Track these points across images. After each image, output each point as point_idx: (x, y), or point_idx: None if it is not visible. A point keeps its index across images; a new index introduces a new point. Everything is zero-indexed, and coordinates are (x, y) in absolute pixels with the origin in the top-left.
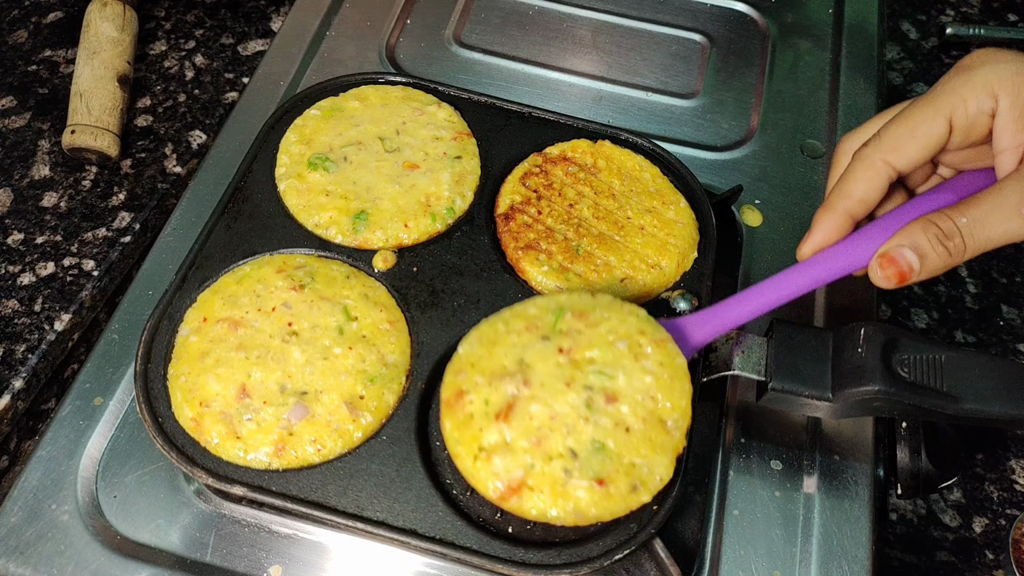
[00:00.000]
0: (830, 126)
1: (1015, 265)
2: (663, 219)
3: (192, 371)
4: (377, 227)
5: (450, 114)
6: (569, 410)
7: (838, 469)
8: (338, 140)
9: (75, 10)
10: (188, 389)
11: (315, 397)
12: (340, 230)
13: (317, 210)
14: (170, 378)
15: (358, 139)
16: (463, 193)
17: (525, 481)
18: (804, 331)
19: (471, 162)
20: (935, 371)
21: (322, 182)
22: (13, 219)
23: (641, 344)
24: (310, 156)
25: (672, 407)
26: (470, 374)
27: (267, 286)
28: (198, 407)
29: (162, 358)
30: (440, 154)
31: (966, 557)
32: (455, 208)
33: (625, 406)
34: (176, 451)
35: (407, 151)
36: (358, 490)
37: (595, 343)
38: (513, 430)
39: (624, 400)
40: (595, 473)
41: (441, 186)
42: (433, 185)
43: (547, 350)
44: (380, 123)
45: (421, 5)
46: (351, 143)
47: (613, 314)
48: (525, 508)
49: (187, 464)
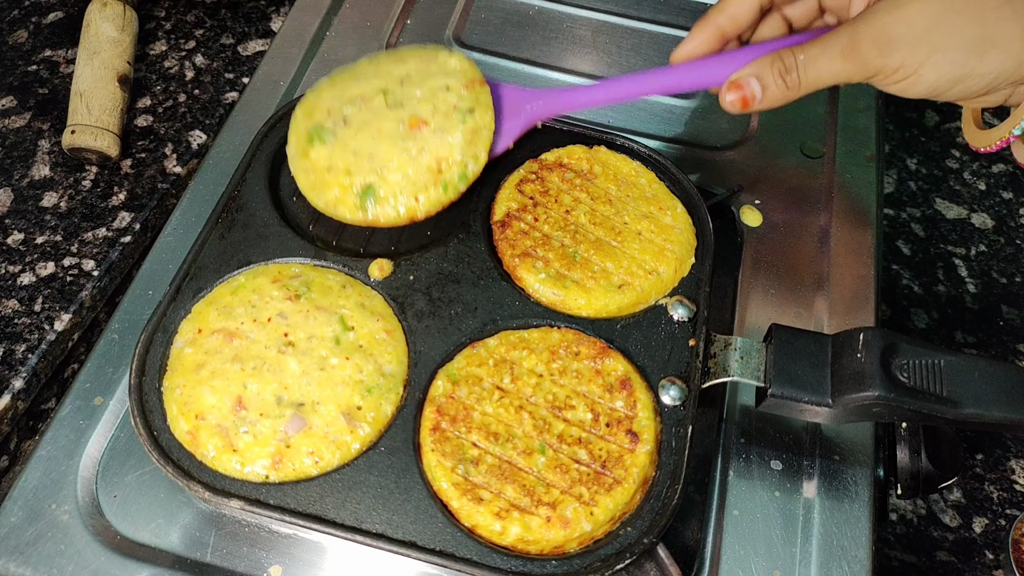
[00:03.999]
0: (830, 126)
1: (1015, 265)
2: (660, 224)
3: (187, 383)
4: (386, 202)
5: (460, 60)
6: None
7: (838, 469)
8: (337, 101)
9: (75, 10)
10: (183, 402)
11: (312, 408)
12: (348, 209)
13: (323, 189)
14: (165, 391)
15: (359, 95)
16: (476, 155)
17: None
18: (803, 336)
19: (484, 116)
20: (934, 376)
21: (324, 156)
22: (13, 219)
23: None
24: (309, 128)
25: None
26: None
27: (262, 296)
28: (194, 420)
29: (157, 370)
30: (450, 107)
31: (966, 557)
32: (468, 174)
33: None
34: (172, 465)
35: (413, 104)
36: (356, 502)
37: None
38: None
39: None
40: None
41: (453, 148)
42: (444, 148)
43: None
44: (384, 76)
45: (421, 5)
46: (350, 101)
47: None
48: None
49: (183, 478)
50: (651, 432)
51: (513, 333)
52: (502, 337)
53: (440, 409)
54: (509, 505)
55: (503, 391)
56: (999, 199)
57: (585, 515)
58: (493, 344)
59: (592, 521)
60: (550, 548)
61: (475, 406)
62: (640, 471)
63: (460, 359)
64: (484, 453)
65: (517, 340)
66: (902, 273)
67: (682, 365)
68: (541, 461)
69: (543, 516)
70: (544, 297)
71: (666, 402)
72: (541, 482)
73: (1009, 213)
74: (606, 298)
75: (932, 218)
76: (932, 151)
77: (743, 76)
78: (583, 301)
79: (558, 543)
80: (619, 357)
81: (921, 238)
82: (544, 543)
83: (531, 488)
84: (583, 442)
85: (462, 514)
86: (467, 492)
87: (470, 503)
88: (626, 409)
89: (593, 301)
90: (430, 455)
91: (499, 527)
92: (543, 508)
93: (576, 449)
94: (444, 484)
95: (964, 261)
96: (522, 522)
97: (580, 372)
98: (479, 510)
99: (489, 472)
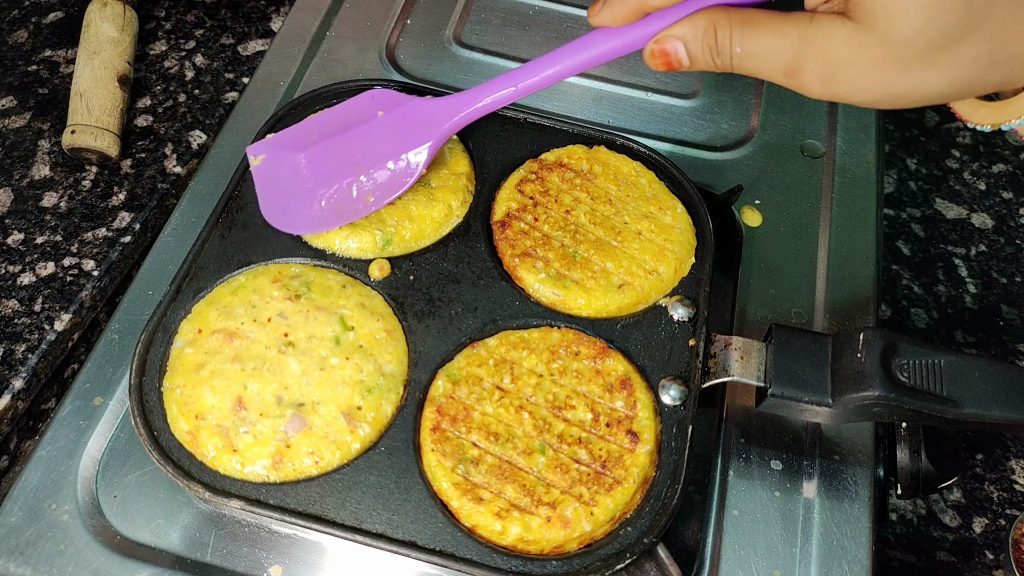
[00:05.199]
0: (830, 126)
1: (1015, 265)
2: (660, 224)
3: (188, 384)
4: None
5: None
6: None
7: (838, 469)
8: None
9: (75, 10)
10: (184, 402)
11: (312, 408)
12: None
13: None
14: (165, 391)
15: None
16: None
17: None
18: (803, 336)
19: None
20: (935, 376)
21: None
22: (13, 219)
23: None
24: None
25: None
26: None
27: (262, 296)
28: (194, 420)
29: (157, 370)
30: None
31: (966, 557)
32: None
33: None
34: (172, 465)
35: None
36: (357, 502)
37: None
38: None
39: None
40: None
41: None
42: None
43: None
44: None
45: (421, 5)
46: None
47: None
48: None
49: (184, 479)
50: (651, 432)
51: (513, 333)
52: (502, 337)
53: (440, 409)
54: (509, 505)
55: (503, 391)
56: (999, 199)
57: (585, 515)
58: (493, 344)
59: (592, 521)
60: (550, 548)
61: (475, 406)
62: (640, 471)
63: (460, 359)
64: (484, 453)
65: (517, 340)
66: (902, 273)
67: (682, 365)
68: (541, 461)
69: (543, 516)
70: (544, 297)
71: (666, 402)
72: (541, 482)
73: (1009, 213)
74: (606, 298)
75: (932, 218)
76: (932, 151)
77: (669, 40)
78: (583, 301)
79: (558, 543)
80: (619, 357)
81: (921, 238)
82: (544, 543)
83: (531, 488)
84: (583, 442)
85: (462, 514)
86: (467, 492)
87: (470, 503)
88: (626, 409)
89: (593, 301)
90: (430, 455)
91: (499, 527)
92: (543, 508)
93: (576, 449)
94: (444, 484)
95: (964, 261)
96: (522, 522)
97: (580, 372)
98: (479, 510)
99: (489, 472)
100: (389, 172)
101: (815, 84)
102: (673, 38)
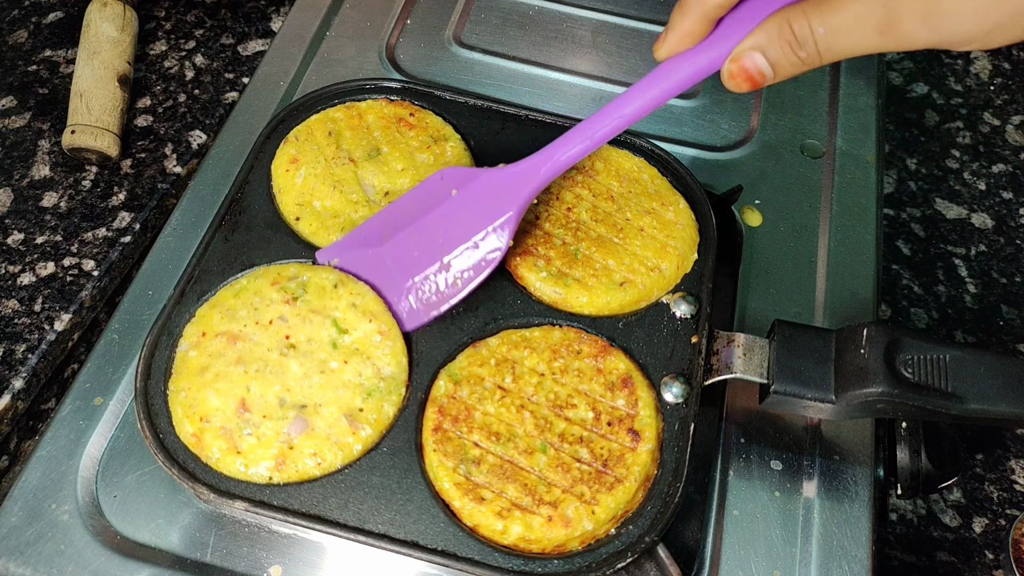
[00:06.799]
0: (830, 126)
1: (1015, 265)
2: (662, 220)
3: (192, 386)
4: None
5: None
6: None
7: (838, 469)
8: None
9: (75, 10)
10: (188, 404)
11: (314, 410)
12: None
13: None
14: (170, 394)
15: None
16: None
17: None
18: (806, 332)
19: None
20: (939, 371)
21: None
22: (13, 219)
23: None
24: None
25: None
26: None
27: (263, 299)
28: (198, 422)
29: (162, 373)
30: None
31: (966, 557)
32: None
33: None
34: (177, 467)
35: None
36: (359, 503)
37: None
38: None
39: None
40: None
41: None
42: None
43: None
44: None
45: (421, 5)
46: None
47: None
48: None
49: (188, 480)
50: (652, 430)
51: (515, 332)
52: (504, 336)
53: (442, 409)
54: (511, 504)
55: (505, 390)
56: (999, 199)
57: (587, 514)
58: (495, 343)
59: (594, 520)
60: (552, 547)
61: (477, 406)
62: (642, 469)
63: (462, 359)
64: (486, 453)
65: (519, 339)
66: (902, 273)
67: (684, 362)
68: (543, 460)
69: (545, 515)
70: (545, 295)
71: (668, 400)
72: (543, 481)
73: (1009, 213)
74: (608, 296)
75: (932, 218)
76: (932, 151)
77: (746, 54)
78: (585, 299)
79: (560, 542)
80: (620, 355)
81: (921, 238)
82: (546, 542)
83: (533, 487)
84: (585, 441)
85: (464, 514)
86: (469, 492)
87: (472, 503)
88: (627, 407)
89: (595, 299)
90: (432, 455)
91: (501, 526)
92: (545, 507)
93: (578, 448)
94: (446, 484)
95: (964, 261)
96: (524, 521)
97: (582, 371)
98: (481, 510)
99: (491, 472)
100: (473, 251)
101: (918, 27)
102: (749, 51)
